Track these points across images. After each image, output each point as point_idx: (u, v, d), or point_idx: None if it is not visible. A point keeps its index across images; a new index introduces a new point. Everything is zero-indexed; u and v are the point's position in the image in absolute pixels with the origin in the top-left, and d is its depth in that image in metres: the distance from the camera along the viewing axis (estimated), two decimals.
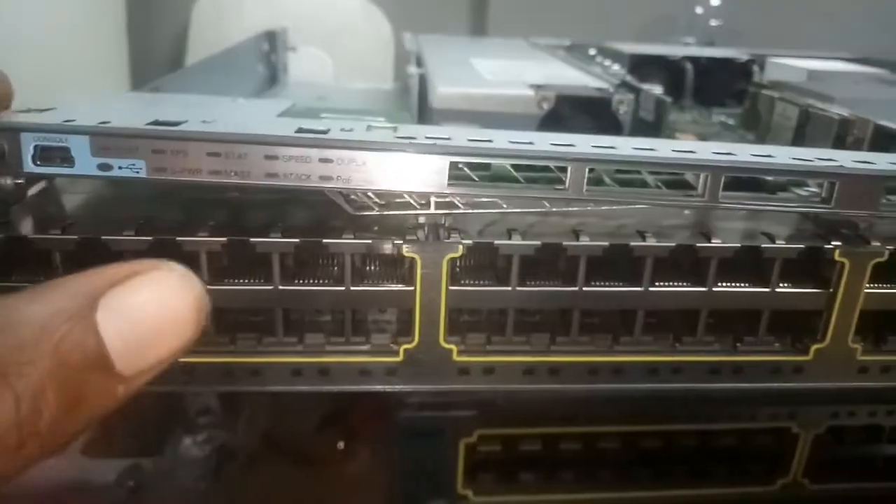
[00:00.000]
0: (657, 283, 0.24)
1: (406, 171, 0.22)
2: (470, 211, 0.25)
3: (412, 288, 0.24)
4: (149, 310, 0.17)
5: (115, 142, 0.21)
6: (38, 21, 0.59)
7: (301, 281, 0.24)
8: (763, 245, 0.24)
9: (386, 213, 0.25)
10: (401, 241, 0.23)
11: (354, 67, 0.69)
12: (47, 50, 0.57)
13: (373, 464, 0.33)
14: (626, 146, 0.23)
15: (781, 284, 0.25)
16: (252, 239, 0.23)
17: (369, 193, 0.24)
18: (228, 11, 0.74)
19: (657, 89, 0.44)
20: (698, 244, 0.24)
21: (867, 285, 0.25)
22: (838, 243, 0.24)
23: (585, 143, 0.23)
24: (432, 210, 0.25)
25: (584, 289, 0.24)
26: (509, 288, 0.24)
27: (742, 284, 0.25)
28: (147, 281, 0.17)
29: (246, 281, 0.24)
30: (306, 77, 0.58)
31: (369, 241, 0.23)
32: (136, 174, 0.21)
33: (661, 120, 0.41)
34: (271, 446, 0.34)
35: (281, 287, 0.24)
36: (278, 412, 0.36)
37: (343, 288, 0.24)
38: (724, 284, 0.25)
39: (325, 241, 0.23)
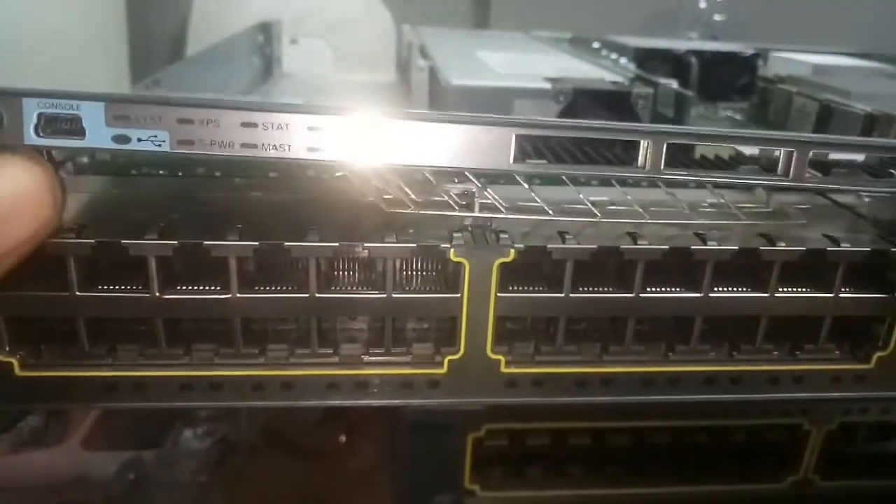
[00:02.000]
0: (716, 289, 0.23)
1: (467, 145, 0.20)
2: (515, 216, 0.23)
3: (458, 295, 0.22)
4: None
5: (136, 110, 0.19)
6: (38, 11, 0.56)
7: (336, 288, 0.23)
8: (829, 248, 0.23)
9: (423, 212, 0.23)
10: (448, 245, 0.22)
11: (356, 59, 0.66)
12: (47, 40, 0.54)
13: (380, 457, 0.32)
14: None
15: (843, 289, 0.23)
16: (287, 243, 0.21)
17: (406, 189, 0.23)
18: (230, 2, 0.71)
19: (672, 84, 0.42)
20: (762, 248, 0.22)
21: None
22: None
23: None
24: (477, 213, 0.23)
25: (642, 295, 0.23)
26: (562, 294, 0.22)
27: (802, 290, 0.24)
28: None
29: (278, 288, 0.22)
30: (307, 69, 0.56)
31: (414, 245, 0.22)
32: (158, 147, 0.19)
33: (683, 115, 0.39)
34: (273, 439, 0.33)
35: (318, 295, 0.22)
36: None
37: (384, 295, 0.22)
38: (785, 290, 0.23)
39: (366, 244, 0.22)
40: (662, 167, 0.20)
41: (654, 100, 0.40)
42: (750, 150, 0.26)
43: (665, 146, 0.20)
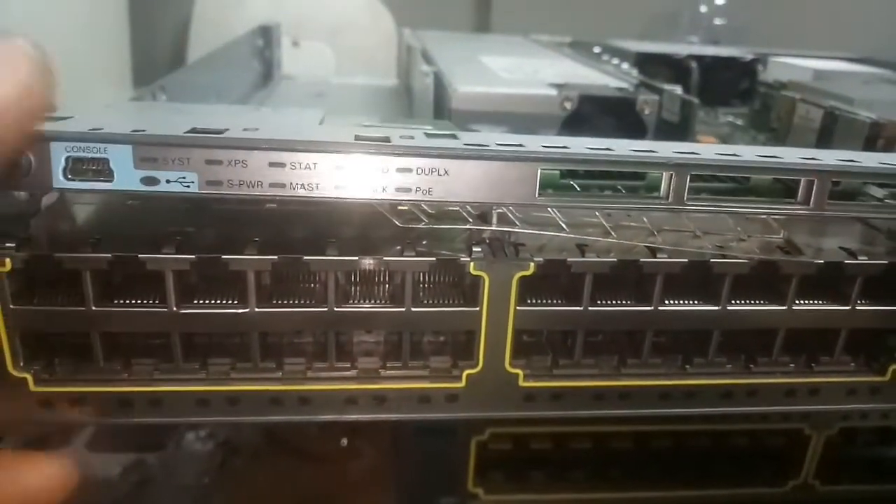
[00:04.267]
0: (734, 302, 0.23)
1: (492, 181, 0.20)
2: (531, 231, 0.23)
3: (477, 308, 0.22)
4: None
5: (164, 152, 0.19)
6: (41, 15, 0.56)
7: (355, 301, 0.22)
8: (846, 261, 0.23)
9: (436, 226, 0.23)
10: (468, 259, 0.22)
11: (357, 62, 0.66)
12: (50, 44, 0.53)
13: (383, 460, 0.32)
14: (708, 152, 0.21)
15: (860, 301, 0.24)
16: (306, 257, 0.21)
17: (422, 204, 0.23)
18: (231, 5, 0.70)
19: (677, 90, 0.42)
20: (780, 259, 0.23)
21: None
22: None
23: (667, 149, 0.21)
24: (494, 225, 0.23)
25: (661, 308, 0.23)
26: (581, 308, 0.22)
27: (818, 303, 0.24)
28: None
29: (295, 302, 0.22)
30: (308, 72, 0.56)
31: (434, 259, 0.22)
32: (187, 189, 0.19)
33: (689, 122, 0.39)
34: (276, 442, 0.33)
35: (336, 309, 0.22)
36: None
37: (403, 309, 0.22)
38: (802, 302, 0.23)
39: (386, 258, 0.21)
40: (686, 198, 0.20)
41: (660, 106, 0.40)
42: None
43: (688, 178, 0.20)
